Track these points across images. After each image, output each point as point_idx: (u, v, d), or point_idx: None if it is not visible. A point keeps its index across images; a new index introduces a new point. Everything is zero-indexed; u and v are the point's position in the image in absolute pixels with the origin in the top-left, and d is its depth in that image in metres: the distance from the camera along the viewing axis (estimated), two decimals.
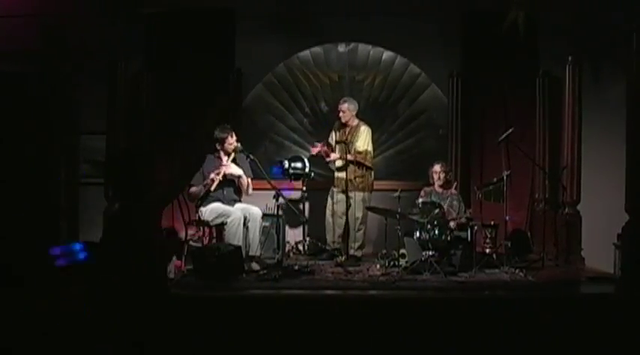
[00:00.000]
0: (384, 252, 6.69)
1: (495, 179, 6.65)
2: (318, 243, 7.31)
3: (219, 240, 6.45)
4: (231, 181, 6.43)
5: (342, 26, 7.75)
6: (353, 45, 7.97)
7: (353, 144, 7.00)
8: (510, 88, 7.69)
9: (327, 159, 7.17)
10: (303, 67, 7.98)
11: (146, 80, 7.47)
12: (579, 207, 6.99)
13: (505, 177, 6.48)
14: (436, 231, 6.18)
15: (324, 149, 7.15)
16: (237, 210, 6.29)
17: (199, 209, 6.37)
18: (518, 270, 6.20)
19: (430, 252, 6.10)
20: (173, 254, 5.96)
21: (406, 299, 5.43)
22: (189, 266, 6.04)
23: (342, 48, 8.00)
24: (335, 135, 7.19)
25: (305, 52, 7.96)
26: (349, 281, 5.96)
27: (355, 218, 6.99)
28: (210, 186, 6.30)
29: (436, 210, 6.32)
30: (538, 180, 7.52)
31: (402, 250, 6.49)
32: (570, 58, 6.97)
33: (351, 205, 6.93)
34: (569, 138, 7.00)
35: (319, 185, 7.41)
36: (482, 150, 7.68)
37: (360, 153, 6.98)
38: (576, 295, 5.73)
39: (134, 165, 3.19)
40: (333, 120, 7.38)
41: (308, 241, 7.11)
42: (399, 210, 6.35)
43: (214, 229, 6.52)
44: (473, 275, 6.06)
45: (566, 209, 7.01)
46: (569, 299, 5.49)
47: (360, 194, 6.99)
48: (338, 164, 7.12)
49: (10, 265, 5.21)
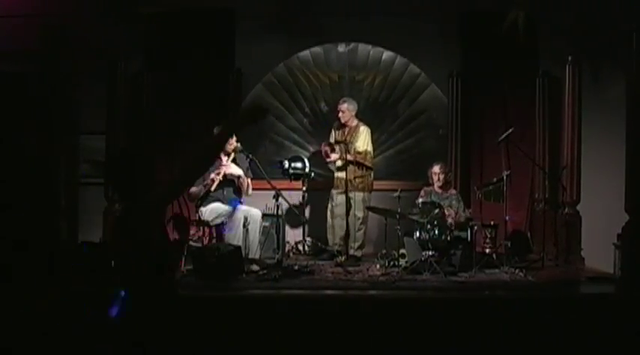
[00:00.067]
0: (384, 252, 6.69)
1: (495, 179, 6.65)
2: (318, 243, 7.32)
3: (219, 240, 6.45)
4: (231, 181, 6.43)
5: (342, 26, 7.75)
6: (353, 45, 7.97)
7: (352, 144, 7.00)
8: (510, 88, 7.69)
9: (327, 159, 7.17)
10: (303, 67, 7.98)
11: (146, 80, 7.48)
12: (579, 207, 6.99)
13: (505, 177, 6.48)
14: (436, 231, 6.18)
15: (325, 149, 7.15)
16: (237, 211, 6.30)
17: (199, 209, 6.38)
18: (518, 270, 6.20)
19: (430, 252, 6.10)
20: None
21: (406, 299, 5.43)
22: (189, 267, 6.04)
23: (342, 48, 7.99)
24: (334, 135, 7.19)
25: (305, 52, 7.96)
26: (349, 281, 5.96)
27: (356, 218, 6.99)
28: (210, 186, 6.30)
29: (436, 210, 6.32)
30: (538, 180, 7.52)
31: (402, 250, 6.49)
32: (570, 58, 6.97)
33: (352, 206, 6.93)
34: (569, 138, 7.00)
35: (319, 185, 7.42)
36: (482, 150, 7.68)
37: (360, 153, 6.98)
38: (576, 295, 5.73)
39: (134, 165, 3.18)
40: (333, 120, 7.38)
41: (308, 241, 7.11)
42: (399, 210, 6.35)
43: (214, 229, 6.52)
44: (473, 275, 6.06)
45: (566, 209, 7.01)
46: (569, 299, 5.49)
47: (360, 194, 7.00)
48: (338, 164, 7.12)
49: (10, 265, 5.21)
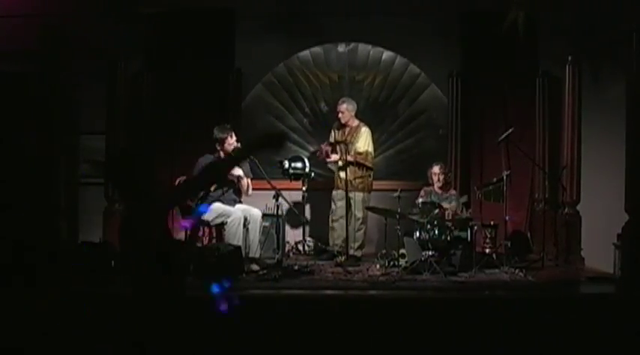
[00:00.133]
0: (383, 252, 6.69)
1: (495, 179, 6.65)
2: (318, 243, 7.31)
3: (219, 240, 6.45)
4: (231, 182, 6.43)
5: (342, 26, 7.75)
6: (353, 45, 7.97)
7: (353, 144, 6.99)
8: (510, 88, 7.69)
9: (327, 159, 7.17)
10: (303, 67, 7.98)
11: (146, 80, 7.48)
12: (579, 207, 6.99)
13: (505, 177, 6.48)
14: (436, 231, 6.18)
15: (326, 149, 7.14)
16: (237, 210, 6.29)
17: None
18: (518, 270, 6.20)
19: (430, 252, 6.10)
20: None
21: (406, 299, 5.43)
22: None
23: (342, 48, 7.99)
24: (334, 135, 7.18)
25: (305, 52, 7.95)
26: (349, 281, 5.96)
27: (355, 218, 6.99)
28: (210, 186, 6.29)
29: (436, 210, 6.32)
30: (538, 180, 7.52)
31: (402, 250, 6.49)
32: (570, 58, 6.97)
33: (351, 206, 6.93)
34: (568, 138, 7.00)
35: (319, 185, 7.41)
36: (482, 150, 7.67)
37: (361, 153, 6.97)
38: (576, 295, 5.73)
39: (134, 165, 3.18)
40: (333, 120, 7.37)
41: (308, 241, 7.10)
42: (399, 210, 6.35)
43: (214, 229, 6.52)
44: (473, 275, 6.06)
45: (566, 209, 7.01)
46: (569, 299, 5.49)
47: (360, 194, 6.99)
48: (339, 164, 7.11)
49: (11, 265, 5.22)
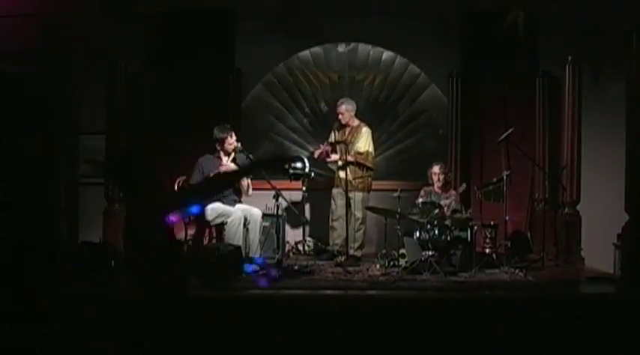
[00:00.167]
0: (383, 252, 6.69)
1: (495, 179, 6.65)
2: (318, 243, 7.31)
3: (219, 240, 6.45)
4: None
5: (342, 26, 7.75)
6: (353, 45, 7.97)
7: (353, 144, 6.99)
8: (510, 88, 7.68)
9: (327, 159, 7.17)
10: (303, 67, 7.98)
11: (146, 80, 7.47)
12: (579, 207, 6.99)
13: (505, 177, 6.48)
14: (436, 231, 6.18)
15: (326, 149, 7.14)
16: (237, 210, 6.30)
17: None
18: (518, 270, 6.20)
19: (430, 252, 6.09)
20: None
21: (406, 299, 5.43)
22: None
23: (342, 48, 7.99)
24: (335, 136, 7.18)
25: (305, 52, 7.95)
26: (349, 281, 5.95)
27: (355, 218, 6.98)
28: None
29: (436, 210, 6.32)
30: (538, 180, 7.52)
31: (402, 250, 6.49)
32: (570, 58, 6.96)
33: (351, 206, 6.93)
34: (569, 138, 6.99)
35: (319, 185, 7.41)
36: (482, 150, 7.67)
37: (361, 154, 6.97)
38: (576, 295, 5.73)
39: (136, 165, 3.19)
40: (333, 120, 7.37)
41: (308, 241, 7.10)
42: (399, 210, 6.35)
43: (214, 229, 6.52)
44: (473, 275, 6.05)
45: (566, 209, 7.01)
46: (569, 299, 5.49)
47: (360, 194, 6.99)
48: (339, 164, 7.11)
49: (11, 265, 5.22)
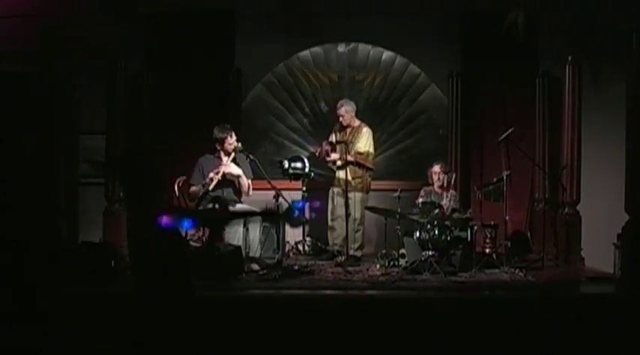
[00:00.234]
0: (383, 252, 6.69)
1: (495, 179, 6.65)
2: (318, 243, 7.31)
3: (219, 240, 6.44)
4: (231, 182, 6.42)
5: (342, 26, 7.75)
6: (353, 45, 7.97)
7: (354, 144, 6.99)
8: (510, 88, 7.68)
9: (327, 158, 7.17)
10: (303, 67, 7.97)
11: (146, 80, 7.47)
12: (579, 207, 6.99)
13: (505, 177, 6.48)
14: (436, 231, 6.18)
15: (326, 148, 7.15)
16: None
17: (199, 209, 6.37)
18: (518, 270, 6.20)
19: (430, 252, 6.10)
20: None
21: (406, 299, 5.43)
22: None
23: (342, 48, 7.99)
24: (335, 137, 7.17)
25: (305, 52, 7.95)
26: (349, 281, 5.95)
27: (354, 219, 6.98)
28: (209, 185, 6.29)
29: (436, 210, 6.32)
30: (538, 180, 7.52)
31: (402, 250, 6.49)
32: (570, 58, 6.96)
33: (350, 206, 6.92)
34: (569, 138, 6.99)
35: (319, 185, 7.41)
36: (482, 150, 7.66)
37: (362, 154, 6.97)
38: (576, 295, 5.73)
39: (141, 165, 3.21)
40: (333, 120, 7.38)
41: (308, 241, 7.10)
42: (399, 210, 6.35)
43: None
44: (473, 275, 6.05)
45: (566, 209, 7.01)
46: (569, 299, 5.49)
47: (359, 194, 6.98)
48: (338, 163, 7.11)
49: (11, 265, 5.22)
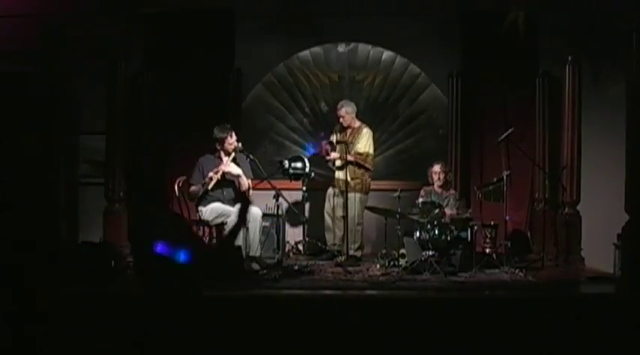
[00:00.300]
0: (383, 252, 6.69)
1: (495, 179, 6.65)
2: (317, 243, 7.31)
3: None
4: (231, 182, 6.42)
5: (342, 26, 7.75)
6: (353, 45, 7.96)
7: (354, 145, 6.99)
8: (510, 88, 7.68)
9: (327, 157, 7.17)
10: (303, 67, 7.97)
11: (146, 80, 7.47)
12: (579, 207, 6.98)
13: (505, 177, 6.48)
14: (436, 231, 6.18)
15: (326, 147, 7.15)
16: (237, 210, 6.28)
17: (199, 209, 6.37)
18: (518, 270, 6.21)
19: (430, 252, 6.10)
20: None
21: (406, 299, 5.44)
22: None
23: (342, 48, 7.99)
24: (336, 137, 7.17)
25: (305, 52, 7.95)
26: (349, 281, 5.96)
27: (353, 219, 6.97)
28: (208, 185, 6.29)
29: (436, 210, 6.32)
30: (538, 180, 7.51)
31: (402, 250, 6.49)
32: (570, 58, 6.96)
33: (348, 206, 6.92)
34: (569, 138, 6.99)
35: (319, 185, 7.41)
36: (482, 150, 7.66)
37: (361, 154, 6.97)
38: (576, 295, 5.73)
39: (149, 165, 3.23)
40: (333, 120, 7.38)
41: (307, 241, 7.10)
42: (399, 210, 6.35)
43: (214, 229, 6.52)
44: (473, 275, 6.06)
45: (566, 209, 7.00)
46: (569, 299, 5.49)
47: (358, 195, 6.98)
48: (337, 164, 7.12)
49: (11, 265, 5.21)
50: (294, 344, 4.85)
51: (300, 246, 7.37)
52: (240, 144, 6.45)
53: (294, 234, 7.51)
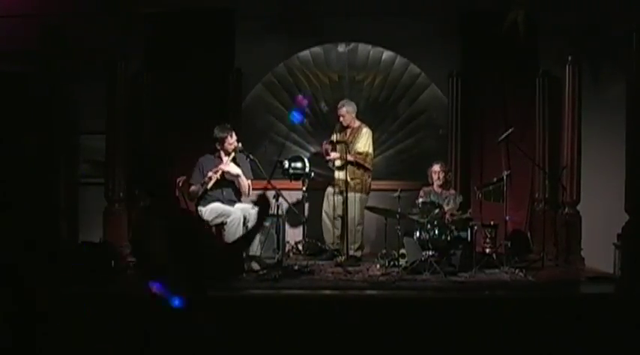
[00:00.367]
0: (383, 252, 6.69)
1: (495, 179, 6.65)
2: (317, 243, 7.31)
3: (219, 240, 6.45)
4: (231, 182, 6.43)
5: (342, 26, 7.74)
6: (353, 45, 7.96)
7: (353, 144, 6.99)
8: (510, 88, 7.68)
9: (326, 157, 7.17)
10: (303, 67, 7.97)
11: (146, 80, 7.47)
12: (579, 207, 6.98)
13: (505, 177, 6.48)
14: (436, 231, 6.18)
15: (325, 147, 7.15)
16: (237, 210, 6.29)
17: (199, 209, 6.37)
18: (518, 270, 6.21)
19: (430, 252, 6.10)
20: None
21: (406, 299, 5.43)
22: None
23: (342, 48, 7.99)
24: (336, 137, 7.18)
25: (305, 52, 7.95)
26: (349, 281, 5.96)
27: (353, 219, 6.97)
28: (207, 184, 6.29)
29: (436, 210, 6.32)
30: (538, 180, 7.51)
31: (402, 250, 6.49)
32: (570, 57, 6.96)
33: (348, 206, 6.91)
34: (569, 138, 6.99)
35: (319, 185, 7.41)
36: (482, 150, 7.66)
37: (360, 154, 6.97)
38: (576, 295, 5.73)
39: (153, 165, 3.22)
40: (333, 120, 7.38)
41: (307, 241, 7.10)
42: (399, 210, 6.35)
43: (214, 229, 6.52)
44: (473, 275, 6.06)
45: (566, 209, 7.00)
46: (569, 299, 5.49)
47: (357, 195, 6.98)
48: (337, 163, 7.12)
49: (11, 265, 5.21)
50: (294, 344, 4.85)
51: (300, 246, 7.37)
52: (240, 144, 6.45)
53: (293, 234, 7.51)
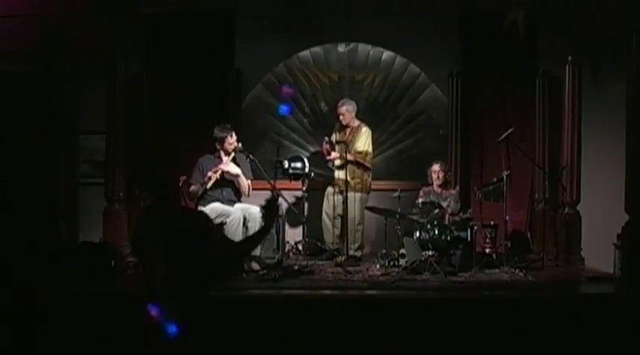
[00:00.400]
0: (383, 252, 6.69)
1: (495, 179, 6.65)
2: (317, 243, 7.31)
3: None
4: (231, 182, 6.43)
5: (342, 26, 7.75)
6: (353, 45, 7.96)
7: (353, 144, 6.99)
8: (510, 88, 7.68)
9: (327, 157, 7.17)
10: (303, 67, 7.97)
11: (146, 80, 7.47)
12: (579, 207, 6.98)
13: (505, 177, 6.48)
14: (436, 231, 6.19)
15: (326, 147, 7.16)
16: (236, 210, 6.30)
17: (199, 208, 6.37)
18: (518, 270, 6.20)
19: (430, 252, 6.10)
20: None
21: (406, 299, 5.43)
22: None
23: (342, 48, 7.99)
24: (336, 136, 7.18)
25: (305, 52, 7.95)
26: (349, 281, 5.96)
27: (353, 219, 6.97)
28: (207, 184, 6.29)
29: (436, 210, 6.32)
30: (538, 180, 7.52)
31: (402, 250, 6.49)
32: (570, 57, 6.96)
33: (348, 206, 6.91)
34: (569, 138, 6.99)
35: (319, 185, 7.41)
36: (482, 150, 7.66)
37: (360, 153, 6.97)
38: (576, 295, 5.73)
39: (153, 165, 3.23)
40: (333, 120, 7.38)
41: (306, 241, 7.11)
42: (398, 210, 6.35)
43: None
44: (473, 275, 6.06)
45: (566, 209, 7.00)
46: (569, 299, 5.49)
47: (358, 195, 6.98)
48: (337, 163, 7.12)
49: (11, 265, 5.22)
50: (294, 344, 4.85)
51: (300, 246, 7.37)
52: (240, 144, 6.45)
53: (293, 234, 7.51)
